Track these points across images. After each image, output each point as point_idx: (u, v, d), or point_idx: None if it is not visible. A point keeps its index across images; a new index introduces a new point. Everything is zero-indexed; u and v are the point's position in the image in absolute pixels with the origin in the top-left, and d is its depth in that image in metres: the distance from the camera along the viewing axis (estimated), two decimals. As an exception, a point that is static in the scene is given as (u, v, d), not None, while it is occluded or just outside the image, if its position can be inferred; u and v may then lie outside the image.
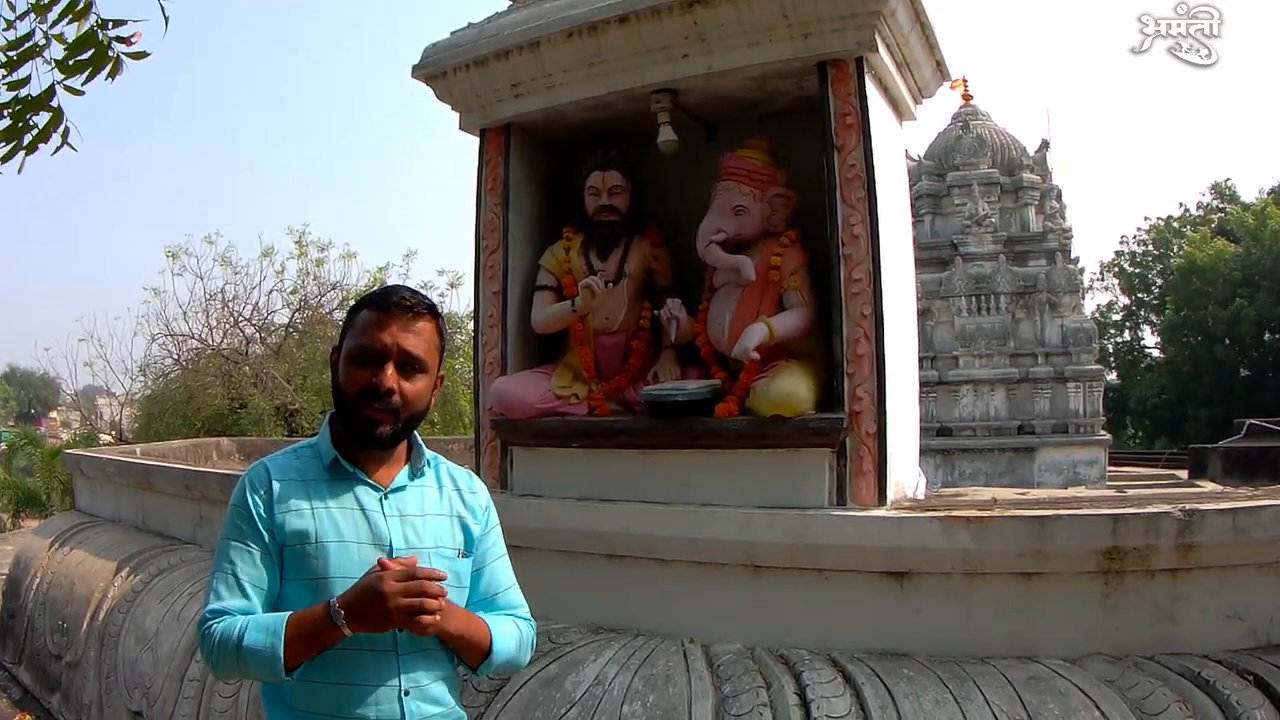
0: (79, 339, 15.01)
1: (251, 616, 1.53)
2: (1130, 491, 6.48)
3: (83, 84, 2.28)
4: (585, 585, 3.12)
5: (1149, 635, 2.47)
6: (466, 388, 13.73)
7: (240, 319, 14.70)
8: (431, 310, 1.71)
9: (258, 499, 1.61)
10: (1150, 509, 2.44)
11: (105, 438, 14.67)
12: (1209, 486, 7.56)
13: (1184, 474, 10.70)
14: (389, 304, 1.66)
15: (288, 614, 1.53)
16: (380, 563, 1.53)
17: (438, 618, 1.53)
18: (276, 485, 1.63)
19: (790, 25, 2.82)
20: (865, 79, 2.83)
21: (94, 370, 15.12)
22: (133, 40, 2.26)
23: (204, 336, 14.48)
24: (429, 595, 1.51)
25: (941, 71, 3.43)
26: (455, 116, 3.69)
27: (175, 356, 14.50)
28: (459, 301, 14.53)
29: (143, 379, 14.83)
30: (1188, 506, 2.40)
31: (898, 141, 3.39)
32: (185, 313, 14.52)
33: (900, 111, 3.37)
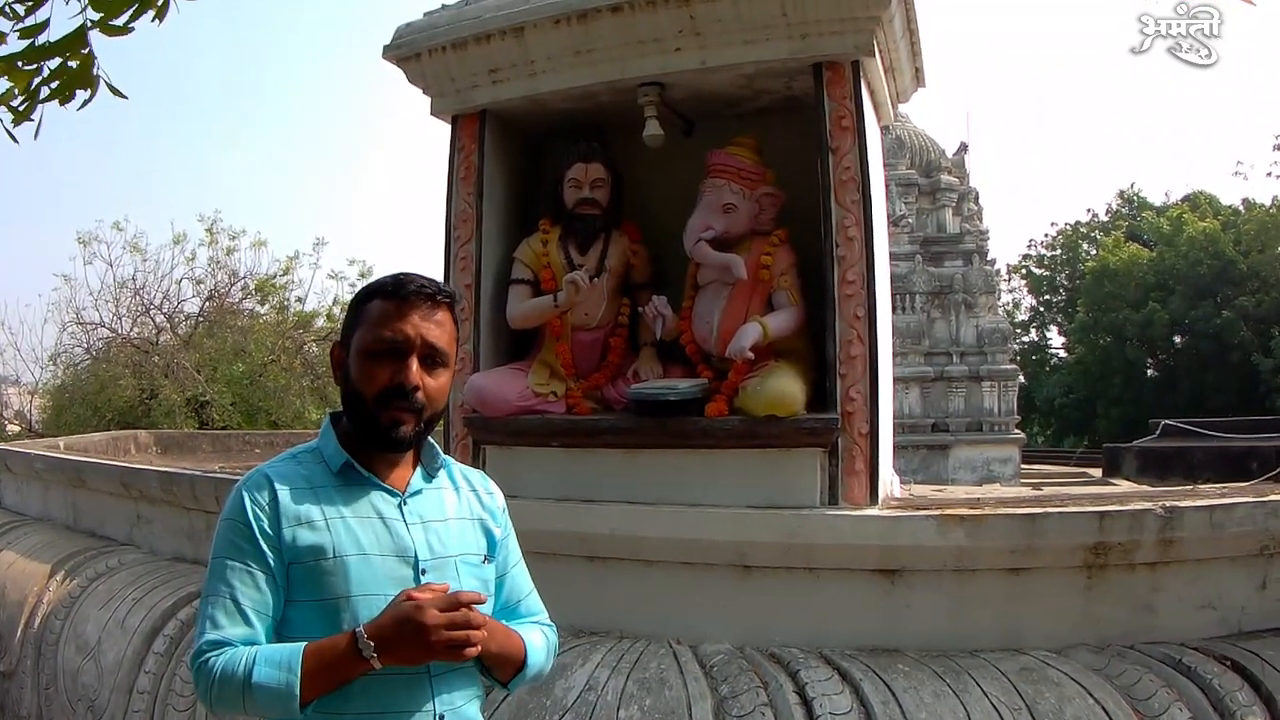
0: (-12, 326, 14.18)
1: (259, 648, 1.37)
2: (1046, 489, 6.72)
3: (126, 23, 1.99)
4: (565, 588, 3.01)
5: (1129, 625, 2.58)
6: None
7: (151, 307, 14.09)
8: (450, 298, 1.57)
9: (260, 512, 1.43)
10: (1134, 506, 2.55)
11: (13, 428, 13.90)
12: (1124, 485, 7.88)
13: (1097, 472, 11.07)
14: (407, 292, 1.51)
15: (303, 645, 1.36)
16: (407, 594, 1.39)
17: (479, 648, 1.42)
18: (282, 494, 1.45)
19: (789, 25, 2.82)
20: (860, 82, 2.85)
21: (5, 359, 14.39)
22: None
23: (114, 325, 13.84)
24: (473, 626, 1.40)
25: (919, 78, 3.49)
26: (413, 102, 3.59)
27: (85, 345, 13.82)
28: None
29: (53, 368, 14.10)
30: (1168, 503, 2.51)
31: (878, 145, 3.44)
32: (96, 301, 13.89)
33: (881, 116, 3.40)
